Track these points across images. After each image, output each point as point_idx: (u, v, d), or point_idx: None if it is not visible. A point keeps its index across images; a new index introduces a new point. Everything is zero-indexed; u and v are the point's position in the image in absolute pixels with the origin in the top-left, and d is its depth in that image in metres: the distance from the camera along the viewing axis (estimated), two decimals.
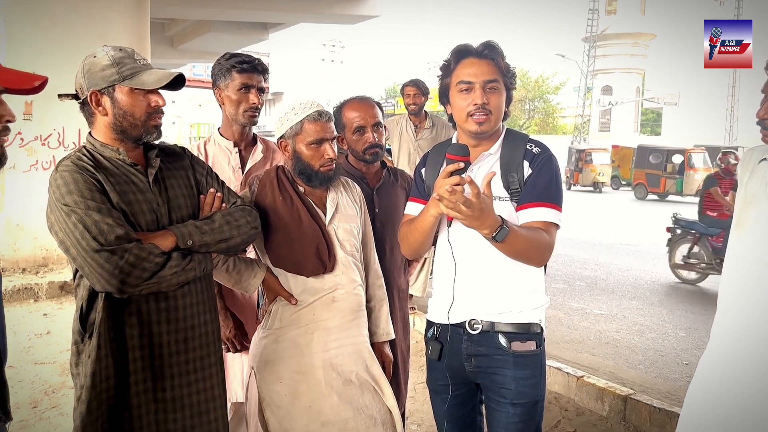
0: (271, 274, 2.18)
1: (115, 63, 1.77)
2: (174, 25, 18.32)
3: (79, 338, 1.80)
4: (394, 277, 2.60)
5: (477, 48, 1.97)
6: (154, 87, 1.79)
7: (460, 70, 1.96)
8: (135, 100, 1.79)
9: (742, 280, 1.72)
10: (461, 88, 1.95)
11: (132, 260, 1.66)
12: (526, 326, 1.97)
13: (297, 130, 2.14)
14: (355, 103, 2.55)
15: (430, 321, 2.13)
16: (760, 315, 1.64)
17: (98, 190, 1.72)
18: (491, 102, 1.93)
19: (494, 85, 1.93)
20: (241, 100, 2.53)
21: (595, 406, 4.00)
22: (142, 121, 1.81)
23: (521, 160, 1.96)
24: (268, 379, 2.13)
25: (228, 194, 2.03)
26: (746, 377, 1.66)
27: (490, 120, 1.94)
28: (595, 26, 44.39)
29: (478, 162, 2.00)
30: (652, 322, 6.00)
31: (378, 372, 2.22)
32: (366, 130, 2.50)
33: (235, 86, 2.51)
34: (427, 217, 1.94)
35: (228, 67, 2.51)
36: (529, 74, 43.29)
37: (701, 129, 33.81)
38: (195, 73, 30.03)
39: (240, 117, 2.55)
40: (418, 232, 2.01)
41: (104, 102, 1.79)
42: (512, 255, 1.87)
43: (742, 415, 1.65)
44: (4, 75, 1.43)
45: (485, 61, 1.94)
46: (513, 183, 1.94)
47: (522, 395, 1.95)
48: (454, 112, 2.01)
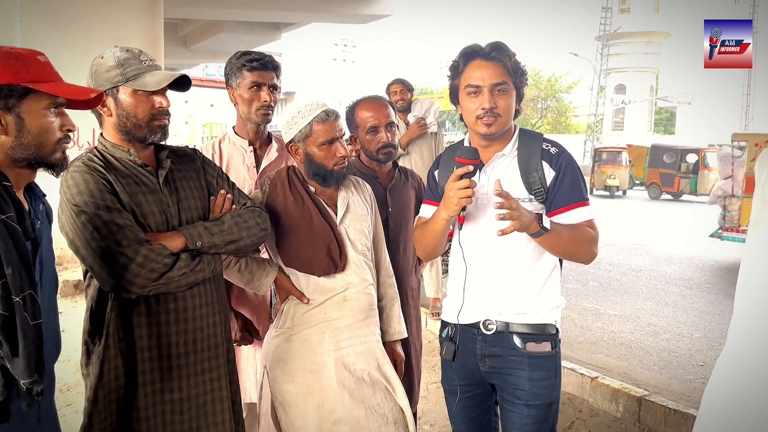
0: (282, 273, 2.18)
1: (120, 64, 1.78)
2: (187, 25, 18.41)
3: (89, 338, 1.81)
4: (407, 276, 2.60)
5: (485, 49, 1.96)
6: (155, 88, 1.79)
7: (468, 72, 1.96)
8: (138, 102, 1.80)
9: (759, 279, 1.70)
10: (469, 91, 1.95)
11: (141, 261, 1.67)
12: (541, 327, 1.96)
13: (306, 133, 2.13)
14: (368, 103, 2.56)
15: (445, 321, 2.12)
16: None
17: (108, 190, 1.72)
18: (499, 105, 1.92)
19: (503, 87, 1.93)
20: (253, 99, 2.52)
21: (610, 407, 3.97)
22: (146, 122, 1.81)
23: (539, 161, 1.95)
24: (280, 378, 2.13)
25: (238, 196, 2.03)
26: (765, 378, 1.63)
27: (498, 122, 1.93)
28: (608, 25, 44.05)
29: (492, 163, 1.99)
30: (666, 323, 5.95)
31: (390, 371, 2.21)
32: (379, 130, 2.51)
33: (247, 84, 2.50)
34: (438, 220, 1.94)
35: (239, 66, 2.51)
36: (542, 73, 43.10)
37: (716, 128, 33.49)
38: (208, 73, 30.21)
39: (253, 115, 2.54)
40: (431, 235, 2.01)
41: (109, 103, 1.80)
42: (561, 249, 1.93)
43: (761, 416, 1.63)
44: (66, 88, 1.52)
45: (493, 63, 1.93)
46: (535, 184, 1.93)
47: (537, 396, 1.94)
48: (463, 114, 2.02)
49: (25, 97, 1.45)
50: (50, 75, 1.51)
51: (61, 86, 1.51)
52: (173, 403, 1.82)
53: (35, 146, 1.47)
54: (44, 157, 1.50)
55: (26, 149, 1.46)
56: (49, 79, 1.50)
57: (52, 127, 1.50)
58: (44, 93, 1.47)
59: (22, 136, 1.45)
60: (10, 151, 1.45)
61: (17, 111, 1.44)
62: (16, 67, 1.44)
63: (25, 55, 1.47)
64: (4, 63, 1.43)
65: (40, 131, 1.48)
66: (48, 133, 1.49)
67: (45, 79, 1.48)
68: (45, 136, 1.49)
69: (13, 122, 1.44)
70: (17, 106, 1.44)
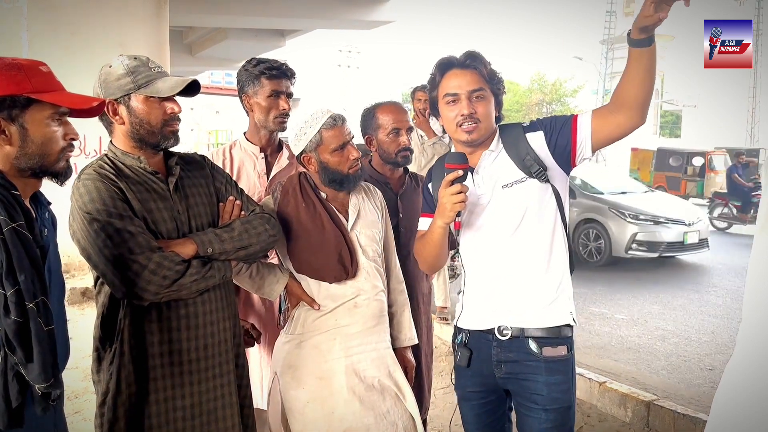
0: (293, 279, 2.19)
1: (130, 72, 1.79)
2: (192, 32, 18.49)
3: (100, 345, 1.81)
4: (418, 282, 2.60)
5: (459, 59, 2.00)
6: (168, 94, 1.80)
7: (445, 82, 1.98)
8: (150, 108, 1.80)
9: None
10: (448, 100, 1.97)
11: (153, 268, 1.68)
12: (556, 330, 1.95)
13: (317, 142, 2.13)
14: (390, 107, 2.62)
15: (458, 327, 2.12)
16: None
17: (120, 198, 1.73)
18: (478, 111, 1.94)
19: (480, 94, 1.95)
20: (271, 107, 2.51)
21: (618, 412, 3.95)
22: (159, 128, 1.82)
23: (524, 138, 1.97)
24: (291, 384, 2.13)
25: (247, 202, 2.04)
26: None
27: (479, 128, 1.95)
28: (612, 28, 44.05)
29: (482, 162, 2.00)
30: (674, 327, 5.92)
31: (400, 378, 2.21)
32: (401, 133, 2.56)
33: (265, 93, 2.49)
34: (435, 229, 1.95)
35: (257, 74, 2.49)
36: (546, 77, 43.11)
37: (721, 131, 33.36)
38: (213, 80, 30.29)
39: (270, 123, 2.54)
40: (431, 246, 2.02)
41: (121, 111, 1.81)
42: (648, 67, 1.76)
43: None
44: (69, 97, 1.53)
45: (468, 71, 1.96)
46: (532, 165, 1.94)
47: (555, 401, 1.93)
48: (444, 124, 2.04)
49: (28, 107, 1.46)
50: (53, 85, 1.53)
51: (64, 96, 1.53)
52: (184, 409, 1.83)
53: (39, 155, 1.49)
54: (48, 166, 1.52)
55: (30, 159, 1.48)
56: (52, 89, 1.51)
57: (55, 136, 1.51)
58: (47, 103, 1.48)
59: (26, 146, 1.47)
60: (15, 160, 1.47)
61: (21, 121, 1.46)
62: (19, 77, 1.45)
63: (27, 66, 1.48)
64: (7, 74, 1.44)
65: (44, 140, 1.49)
66: (51, 143, 1.51)
67: (47, 89, 1.50)
68: (48, 145, 1.50)
69: (17, 132, 1.46)
70: (21, 116, 1.46)
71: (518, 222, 1.94)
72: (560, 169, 1.97)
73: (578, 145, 1.91)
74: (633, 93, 1.79)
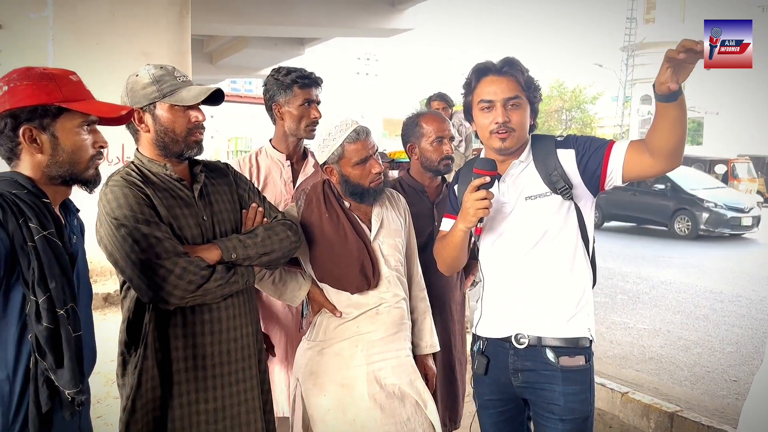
0: (316, 286, 2.20)
1: (156, 81, 1.82)
2: (212, 41, 18.71)
3: (125, 349, 1.84)
4: (450, 290, 2.60)
5: (497, 65, 1.97)
6: (192, 103, 1.83)
7: (480, 88, 1.96)
8: (175, 117, 1.83)
9: None
10: (483, 107, 1.95)
11: (179, 273, 1.70)
12: (574, 341, 1.93)
13: (339, 155, 2.13)
14: (433, 116, 2.66)
15: (476, 335, 2.11)
16: None
17: (147, 204, 1.76)
18: (513, 119, 1.92)
19: (516, 102, 1.93)
20: (302, 115, 2.53)
21: (641, 423, 3.90)
22: (183, 137, 1.85)
23: (556, 159, 1.94)
24: (313, 391, 2.14)
25: (269, 209, 2.06)
26: None
27: (513, 137, 1.93)
28: (633, 35, 43.71)
29: (510, 170, 1.99)
30: (697, 337, 5.84)
31: (421, 385, 2.20)
32: (444, 142, 2.58)
33: (297, 102, 2.52)
34: (456, 232, 1.95)
35: (288, 83, 2.51)
36: (566, 84, 42.88)
37: (744, 138, 32.88)
38: (233, 89, 30.56)
39: (302, 132, 2.56)
40: (450, 248, 2.02)
41: (146, 119, 1.84)
42: (676, 120, 1.70)
43: None
44: (98, 106, 1.56)
45: (505, 78, 1.94)
46: (558, 182, 1.92)
47: (572, 411, 1.91)
48: (478, 130, 2.02)
49: (59, 116, 1.49)
50: (82, 94, 1.55)
51: (93, 104, 1.56)
52: (207, 414, 1.85)
53: (69, 164, 1.51)
54: (78, 174, 1.54)
55: (61, 167, 1.50)
56: (82, 98, 1.54)
57: (85, 144, 1.54)
58: (77, 111, 1.51)
59: (57, 155, 1.49)
60: (46, 169, 1.50)
61: (52, 130, 1.48)
62: (50, 87, 1.48)
63: (58, 75, 1.51)
64: (39, 84, 1.47)
65: (74, 149, 1.51)
66: (81, 151, 1.53)
67: (77, 98, 1.53)
68: (79, 153, 1.52)
69: (48, 141, 1.48)
70: (52, 125, 1.48)
71: (539, 235, 1.94)
72: (587, 190, 1.95)
73: (608, 172, 1.88)
74: (662, 143, 1.75)
